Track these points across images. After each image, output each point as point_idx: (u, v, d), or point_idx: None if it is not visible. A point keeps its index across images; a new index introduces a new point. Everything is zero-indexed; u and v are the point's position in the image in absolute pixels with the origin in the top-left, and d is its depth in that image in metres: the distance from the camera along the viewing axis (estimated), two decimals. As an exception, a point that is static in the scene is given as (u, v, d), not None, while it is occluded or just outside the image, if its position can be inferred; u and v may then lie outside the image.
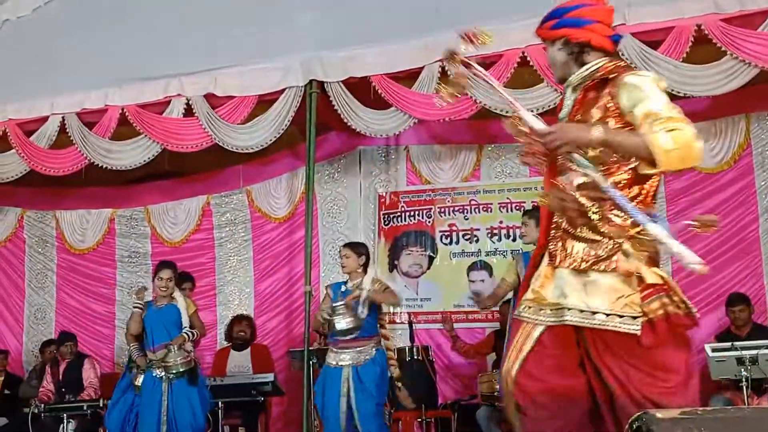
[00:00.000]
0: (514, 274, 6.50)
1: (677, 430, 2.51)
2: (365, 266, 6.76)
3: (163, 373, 6.99)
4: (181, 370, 7.01)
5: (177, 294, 7.31)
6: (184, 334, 7.12)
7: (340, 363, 6.63)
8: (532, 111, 6.98)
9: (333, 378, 6.62)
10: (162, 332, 7.10)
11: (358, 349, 6.61)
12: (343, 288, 6.80)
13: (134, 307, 7.29)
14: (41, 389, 9.00)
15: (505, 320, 8.10)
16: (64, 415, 8.30)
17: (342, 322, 6.49)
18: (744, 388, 6.41)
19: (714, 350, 6.76)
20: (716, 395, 7.29)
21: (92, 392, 8.76)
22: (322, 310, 6.74)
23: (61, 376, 8.99)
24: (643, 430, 2.57)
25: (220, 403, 7.82)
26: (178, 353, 7.02)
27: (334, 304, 6.55)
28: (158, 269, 7.30)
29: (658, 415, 2.59)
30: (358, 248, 6.88)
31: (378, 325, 6.76)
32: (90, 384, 8.85)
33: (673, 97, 6.95)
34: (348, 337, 6.54)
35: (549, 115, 7.44)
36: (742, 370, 6.44)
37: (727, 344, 6.75)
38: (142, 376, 7.18)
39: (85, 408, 8.23)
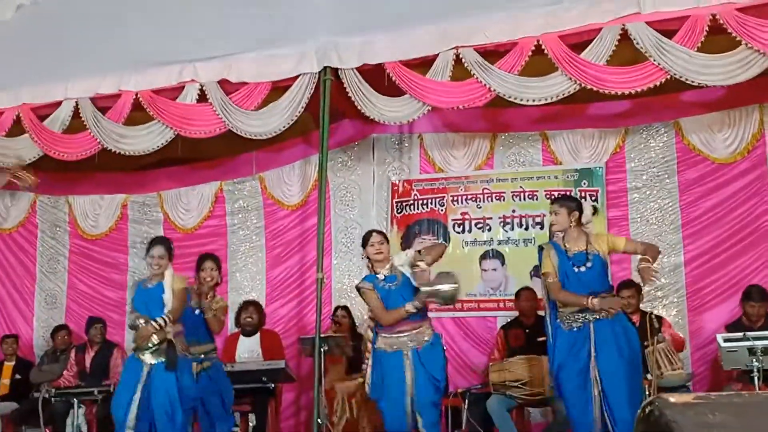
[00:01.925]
0: (551, 264, 6.30)
1: (690, 413, 2.51)
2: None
3: (146, 356, 6.60)
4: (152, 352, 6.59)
5: (168, 271, 6.85)
6: (151, 324, 6.56)
7: (396, 347, 6.44)
8: (546, 99, 7.12)
9: (392, 362, 6.42)
10: (145, 314, 6.65)
11: (416, 331, 6.46)
12: (381, 276, 6.56)
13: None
14: (64, 374, 9.04)
15: (521, 308, 8.12)
16: (75, 400, 8.33)
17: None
18: (755, 378, 6.38)
19: (725, 340, 6.72)
20: (727, 386, 7.31)
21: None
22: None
23: (88, 363, 9.02)
24: (655, 414, 2.57)
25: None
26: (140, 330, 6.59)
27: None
28: (151, 246, 6.90)
29: (672, 399, 2.59)
30: (386, 235, 6.86)
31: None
32: (117, 373, 8.63)
33: (687, 87, 7.04)
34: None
35: (561, 103, 7.50)
36: (754, 360, 6.40)
37: (739, 334, 6.70)
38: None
39: (96, 393, 8.23)
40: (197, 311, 6.95)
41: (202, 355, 6.97)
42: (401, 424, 6.42)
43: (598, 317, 6.06)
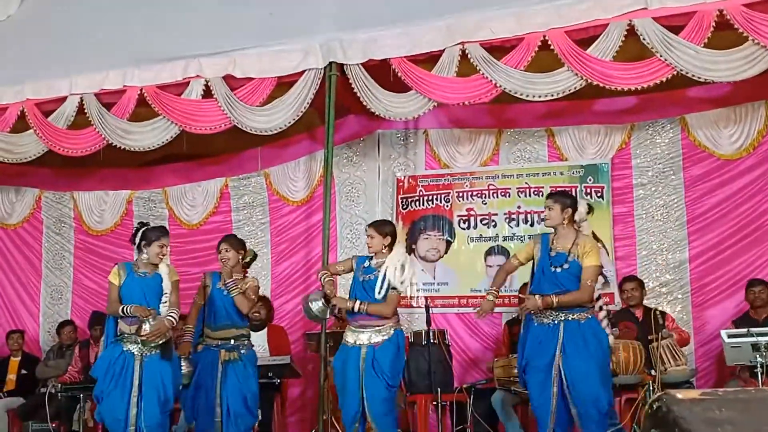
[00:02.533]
0: (527, 255, 6.45)
1: (697, 409, 2.51)
2: (390, 246, 6.69)
3: (136, 349, 6.48)
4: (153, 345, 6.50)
5: (162, 262, 6.79)
6: (168, 320, 6.49)
7: (357, 342, 6.60)
8: (552, 95, 7.12)
9: (351, 356, 6.59)
10: (142, 303, 6.51)
11: (377, 328, 6.58)
12: (366, 263, 6.75)
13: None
14: (69, 370, 9.06)
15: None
16: (81, 395, 8.34)
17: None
18: (759, 374, 6.40)
19: (730, 336, 6.76)
20: (731, 381, 7.32)
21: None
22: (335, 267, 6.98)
23: (93, 359, 9.02)
24: (663, 410, 2.57)
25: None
26: (152, 325, 6.44)
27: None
28: (161, 235, 6.73)
29: (679, 395, 2.58)
30: (384, 227, 6.80)
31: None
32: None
33: (693, 83, 7.04)
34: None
35: (567, 99, 7.50)
36: (758, 356, 6.45)
37: (743, 330, 6.76)
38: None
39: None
40: (225, 293, 6.91)
41: (232, 341, 6.92)
42: (353, 415, 6.57)
43: (570, 317, 6.12)
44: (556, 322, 6.13)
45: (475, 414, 7.59)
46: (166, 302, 6.57)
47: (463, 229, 9.11)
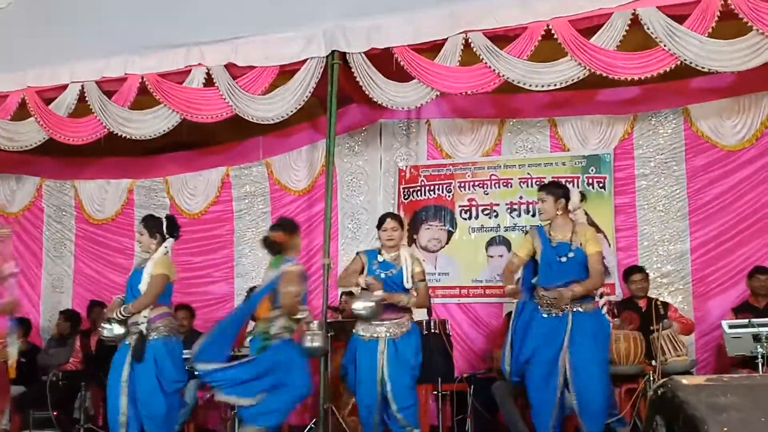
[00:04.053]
0: (527, 249, 6.45)
1: (702, 395, 2.50)
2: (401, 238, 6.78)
3: (130, 339, 6.46)
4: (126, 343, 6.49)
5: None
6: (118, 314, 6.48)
7: (375, 335, 6.55)
8: (555, 85, 7.11)
9: (369, 350, 6.53)
10: (130, 298, 6.56)
11: (397, 320, 6.56)
12: (380, 258, 6.69)
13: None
14: (71, 360, 9.06)
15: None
16: (82, 384, 8.34)
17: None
18: (759, 364, 6.40)
19: (730, 327, 6.78)
20: (732, 371, 7.31)
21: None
22: (356, 273, 6.72)
23: (93, 348, 9.03)
24: (668, 395, 2.56)
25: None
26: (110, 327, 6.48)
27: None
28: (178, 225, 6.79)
29: (684, 381, 2.58)
30: (401, 220, 6.85)
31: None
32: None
33: (697, 73, 7.01)
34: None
35: (570, 89, 7.48)
36: (758, 346, 6.47)
37: (744, 321, 6.80)
38: None
39: (102, 376, 8.21)
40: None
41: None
42: (370, 417, 6.55)
43: (578, 308, 6.11)
44: (563, 313, 6.13)
45: (475, 404, 7.59)
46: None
47: (465, 219, 9.10)
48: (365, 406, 6.56)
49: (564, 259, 6.17)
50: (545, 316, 6.21)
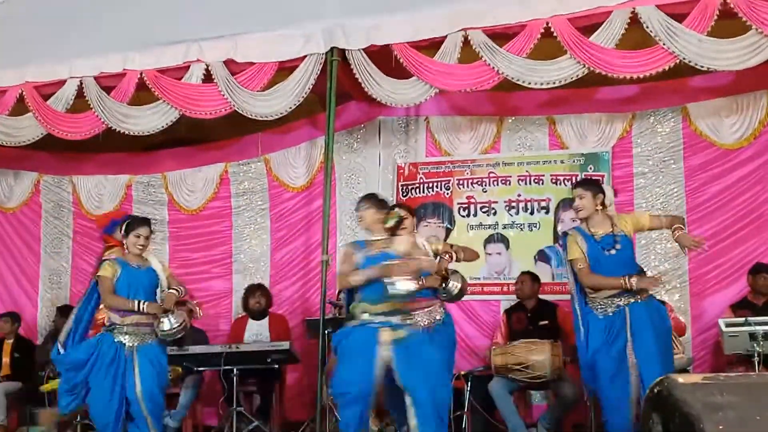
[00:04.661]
0: (580, 251, 6.18)
1: (699, 394, 2.51)
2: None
3: (127, 339, 6.49)
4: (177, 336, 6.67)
5: (150, 255, 6.82)
6: (173, 292, 6.63)
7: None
8: (554, 83, 7.11)
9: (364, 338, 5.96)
10: (144, 297, 6.55)
11: (428, 309, 6.49)
12: (378, 249, 6.56)
13: None
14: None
15: (522, 292, 8.10)
16: (80, 380, 8.33)
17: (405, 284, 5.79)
18: (756, 363, 6.42)
19: (727, 325, 6.79)
20: (728, 370, 7.34)
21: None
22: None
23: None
24: (664, 394, 2.57)
25: (235, 370, 7.84)
26: (177, 317, 6.57)
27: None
28: (136, 225, 6.70)
29: (680, 380, 2.59)
30: (410, 209, 6.86)
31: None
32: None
33: (696, 72, 7.02)
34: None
35: (569, 87, 7.48)
36: (755, 345, 6.50)
37: (741, 319, 6.84)
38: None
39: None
40: None
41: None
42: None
43: (632, 300, 6.00)
44: (619, 308, 6.01)
45: (472, 401, 7.61)
46: (163, 292, 6.65)
47: (463, 216, 9.11)
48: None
49: (613, 252, 6.05)
50: (601, 317, 6.07)
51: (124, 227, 6.67)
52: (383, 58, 7.56)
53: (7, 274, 10.66)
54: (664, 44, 6.72)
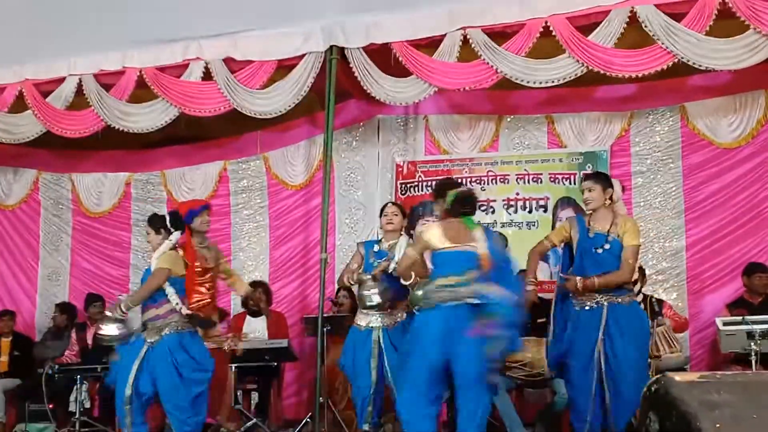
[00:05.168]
0: (561, 237, 6.31)
1: (696, 392, 2.52)
2: (401, 228, 6.84)
3: (144, 334, 6.59)
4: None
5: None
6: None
7: (369, 324, 6.66)
8: (552, 82, 7.11)
9: (363, 340, 6.65)
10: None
11: (390, 311, 6.68)
12: (376, 248, 6.82)
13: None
14: (66, 353, 9.07)
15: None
16: (78, 377, 8.34)
17: (371, 296, 6.61)
18: (753, 361, 6.43)
19: (725, 324, 6.80)
20: (725, 368, 7.35)
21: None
22: (352, 271, 6.84)
23: (90, 341, 9.04)
24: (661, 392, 2.58)
25: (233, 367, 7.86)
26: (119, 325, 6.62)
27: (363, 276, 6.67)
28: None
29: (677, 378, 2.60)
30: (402, 208, 6.95)
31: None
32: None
33: (694, 71, 7.03)
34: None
35: (568, 86, 7.49)
36: (752, 344, 6.49)
37: (738, 318, 6.84)
38: None
39: (99, 370, 8.23)
40: None
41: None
42: (365, 405, 6.66)
43: (614, 301, 6.00)
44: (598, 305, 6.03)
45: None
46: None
47: (462, 215, 9.09)
48: (360, 395, 6.72)
49: (600, 251, 6.06)
50: (578, 309, 6.11)
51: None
52: (382, 56, 7.58)
53: (5, 271, 10.65)
54: (662, 43, 6.74)
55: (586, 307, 6.06)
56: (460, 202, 5.85)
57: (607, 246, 6.05)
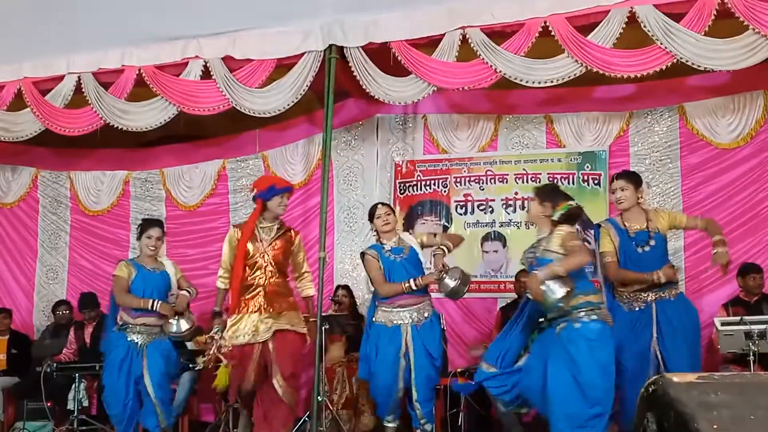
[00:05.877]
0: (612, 244, 6.22)
1: (693, 393, 2.51)
2: (395, 226, 6.92)
3: (138, 338, 6.89)
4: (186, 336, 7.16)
5: (164, 258, 7.27)
6: (185, 294, 7.07)
7: (398, 322, 6.64)
8: (551, 82, 7.11)
9: (389, 336, 6.63)
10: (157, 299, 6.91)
11: (417, 306, 6.68)
12: (387, 246, 6.84)
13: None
14: (64, 351, 9.07)
15: (521, 289, 8.11)
16: (76, 375, 8.35)
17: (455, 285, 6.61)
18: (751, 361, 6.43)
19: (723, 324, 6.80)
20: (723, 368, 7.35)
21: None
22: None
23: (87, 339, 9.04)
24: (659, 393, 2.57)
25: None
26: (187, 320, 7.01)
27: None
28: (147, 227, 7.12)
29: (675, 378, 2.59)
30: (391, 207, 7.06)
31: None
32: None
33: (693, 72, 7.03)
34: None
35: (567, 86, 7.49)
36: (750, 344, 6.48)
37: (736, 318, 6.84)
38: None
39: (97, 368, 8.23)
40: None
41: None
42: (389, 399, 6.69)
43: (661, 296, 6.02)
44: (647, 305, 6.03)
45: (468, 398, 7.61)
46: (173, 295, 6.98)
47: (460, 214, 9.12)
48: (383, 394, 6.75)
49: (646, 249, 6.08)
50: (626, 310, 6.11)
51: (138, 229, 7.07)
52: (381, 55, 7.57)
53: (3, 269, 10.65)
54: (661, 43, 6.74)
55: (636, 308, 6.06)
56: (569, 217, 5.72)
57: (651, 242, 6.05)
